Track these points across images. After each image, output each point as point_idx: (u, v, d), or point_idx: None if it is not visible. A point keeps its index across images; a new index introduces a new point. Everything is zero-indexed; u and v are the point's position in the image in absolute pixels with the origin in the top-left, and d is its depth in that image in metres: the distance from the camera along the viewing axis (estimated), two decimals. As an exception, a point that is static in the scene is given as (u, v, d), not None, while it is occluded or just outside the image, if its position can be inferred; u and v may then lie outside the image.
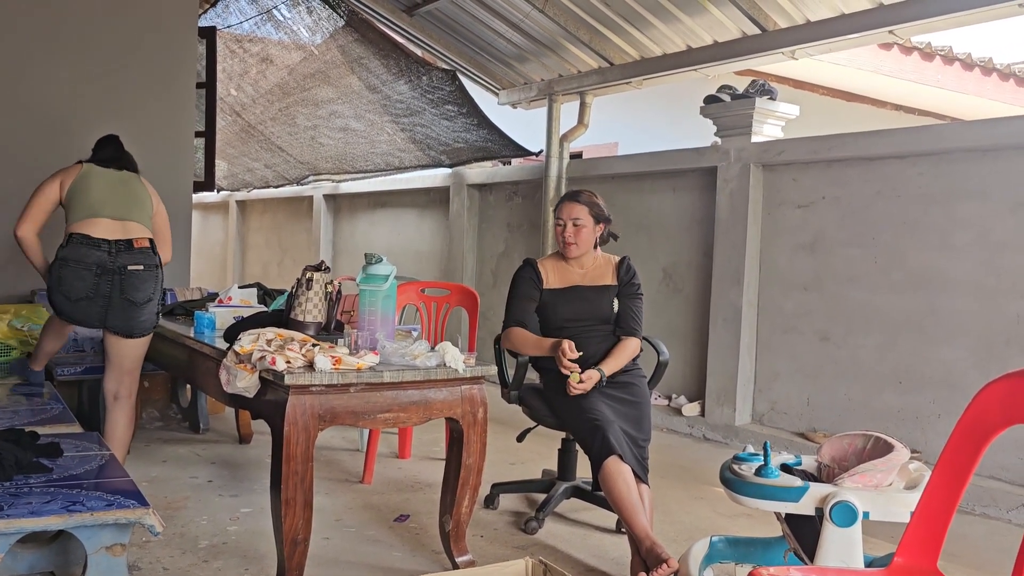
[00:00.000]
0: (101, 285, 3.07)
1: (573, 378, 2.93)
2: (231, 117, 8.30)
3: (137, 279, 3.12)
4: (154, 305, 3.19)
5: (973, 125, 4.31)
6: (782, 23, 4.59)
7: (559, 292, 3.20)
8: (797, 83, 7.91)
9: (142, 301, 3.13)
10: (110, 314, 3.12)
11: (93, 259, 3.07)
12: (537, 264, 3.26)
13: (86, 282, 3.06)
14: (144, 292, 3.13)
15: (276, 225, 10.54)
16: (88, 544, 2.07)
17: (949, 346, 3.99)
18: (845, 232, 4.43)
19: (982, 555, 3.18)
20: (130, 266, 3.11)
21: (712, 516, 3.47)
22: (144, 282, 3.13)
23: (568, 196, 3.26)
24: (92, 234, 3.10)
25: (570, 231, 3.17)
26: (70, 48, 5.21)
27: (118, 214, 3.17)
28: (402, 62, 6.40)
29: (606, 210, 3.24)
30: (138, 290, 3.12)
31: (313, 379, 2.36)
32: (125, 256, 3.11)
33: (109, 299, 3.09)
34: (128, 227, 3.17)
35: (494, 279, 6.87)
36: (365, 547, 2.96)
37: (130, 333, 3.17)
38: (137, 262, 3.13)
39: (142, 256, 3.15)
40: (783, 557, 2.45)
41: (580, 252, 3.20)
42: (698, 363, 5.19)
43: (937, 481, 1.74)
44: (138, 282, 3.12)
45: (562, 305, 3.19)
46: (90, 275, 3.06)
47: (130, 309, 3.12)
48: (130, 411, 3.29)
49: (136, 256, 3.14)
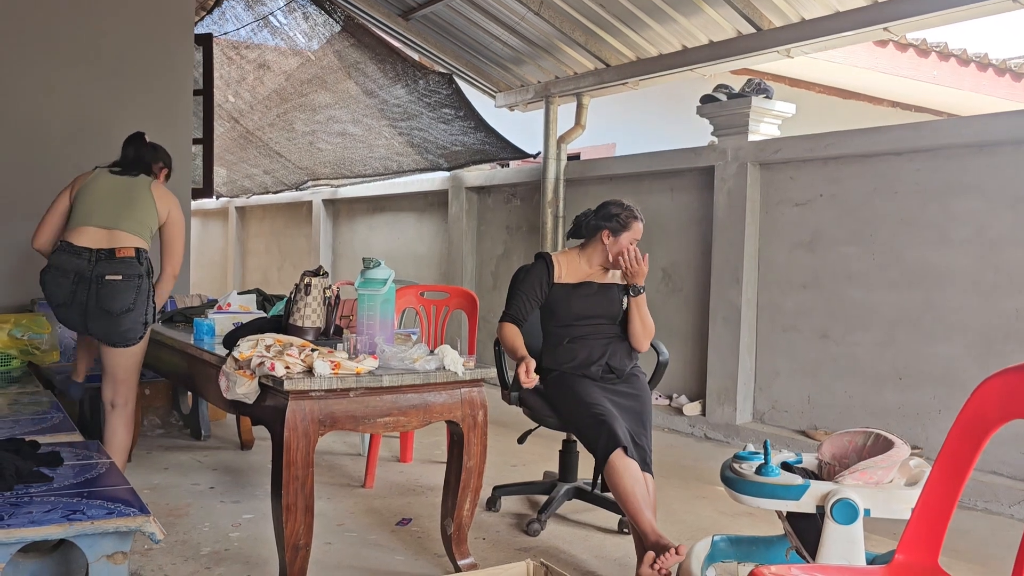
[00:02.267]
0: (78, 293, 3.04)
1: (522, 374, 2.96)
2: (229, 124, 8.31)
3: (113, 289, 3.05)
4: (136, 316, 3.10)
5: (969, 121, 4.31)
6: (777, 22, 4.60)
7: (570, 287, 3.18)
8: (793, 81, 7.93)
9: (118, 311, 3.06)
10: (90, 322, 3.09)
11: (72, 267, 3.05)
12: (552, 259, 3.21)
13: (63, 289, 3.05)
14: (121, 302, 3.06)
15: (275, 231, 10.55)
16: (89, 553, 2.07)
17: (948, 342, 3.99)
18: (843, 229, 4.44)
19: (984, 551, 3.18)
20: (107, 276, 3.05)
21: (714, 515, 3.47)
22: (120, 292, 3.06)
23: (635, 214, 3.12)
24: (75, 242, 3.08)
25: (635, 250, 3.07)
26: (66, 56, 5.22)
27: (106, 223, 3.13)
28: (399, 66, 6.41)
29: None
30: (114, 300, 3.05)
31: (312, 384, 2.36)
32: (104, 265, 3.06)
33: (85, 307, 3.05)
34: (115, 236, 3.12)
35: (493, 281, 6.87)
36: (367, 551, 2.96)
37: (112, 342, 3.12)
38: (116, 272, 3.06)
39: (123, 266, 3.08)
40: (785, 555, 2.45)
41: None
42: (698, 362, 5.19)
43: (937, 477, 1.74)
44: (114, 292, 3.05)
45: (573, 300, 3.16)
46: (68, 282, 3.04)
47: (107, 319, 3.07)
48: (128, 419, 3.27)
49: (116, 265, 3.07)
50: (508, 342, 3.14)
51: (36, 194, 5.19)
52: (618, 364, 3.12)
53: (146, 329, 3.18)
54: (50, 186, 5.34)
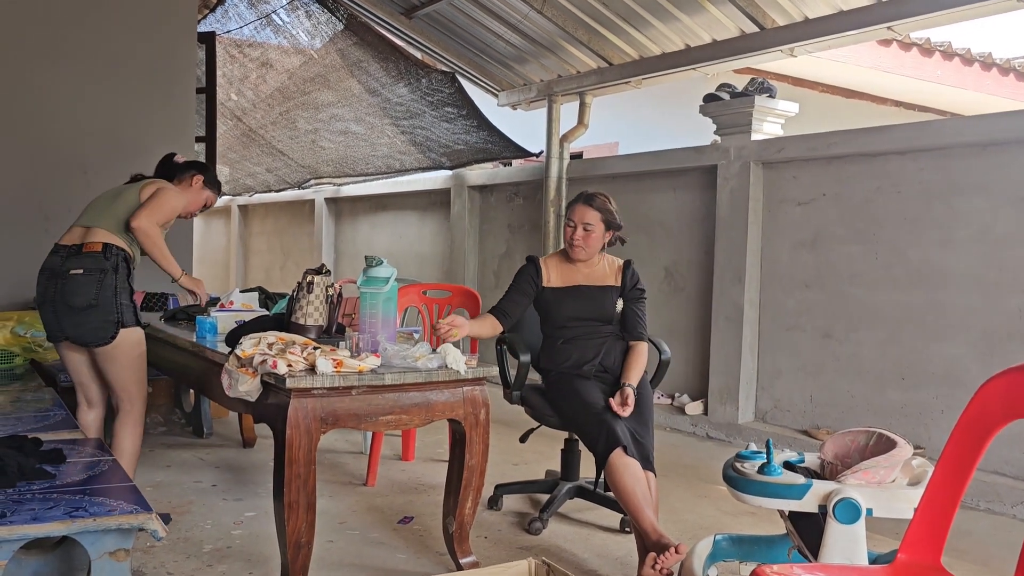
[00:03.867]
0: (48, 289, 2.99)
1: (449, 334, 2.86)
2: (232, 122, 8.32)
3: (75, 283, 2.93)
4: (101, 313, 2.95)
5: (973, 120, 4.30)
6: (780, 21, 4.59)
7: (561, 291, 3.19)
8: (796, 80, 7.90)
9: (81, 306, 2.93)
10: (62, 321, 2.98)
11: (49, 264, 3.03)
12: (540, 262, 3.25)
13: (40, 287, 3.02)
14: (82, 297, 2.92)
15: (278, 229, 10.56)
16: (91, 550, 2.07)
17: (951, 341, 3.98)
18: (846, 229, 4.43)
19: (986, 551, 3.17)
20: (72, 270, 2.95)
21: (716, 514, 3.46)
22: (82, 286, 2.93)
23: (583, 199, 3.18)
24: (59, 242, 3.07)
25: (579, 235, 3.13)
26: (70, 55, 5.22)
27: (87, 222, 3.09)
28: (401, 65, 6.41)
29: (618, 217, 3.19)
30: (76, 294, 2.93)
31: (315, 382, 2.36)
32: (71, 260, 2.97)
33: (55, 304, 2.97)
34: (90, 232, 3.03)
35: (496, 280, 6.87)
36: (369, 549, 2.97)
37: (84, 342, 2.99)
38: (79, 266, 2.95)
39: (88, 260, 2.96)
40: (787, 555, 2.44)
41: (587, 256, 3.17)
42: (700, 362, 5.18)
43: (940, 477, 1.73)
44: (76, 286, 2.93)
45: (565, 304, 3.18)
46: (44, 279, 3.01)
47: (71, 314, 2.94)
48: (132, 427, 3.09)
49: (82, 260, 2.96)
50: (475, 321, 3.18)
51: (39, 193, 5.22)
52: (612, 363, 3.14)
53: (118, 328, 2.98)
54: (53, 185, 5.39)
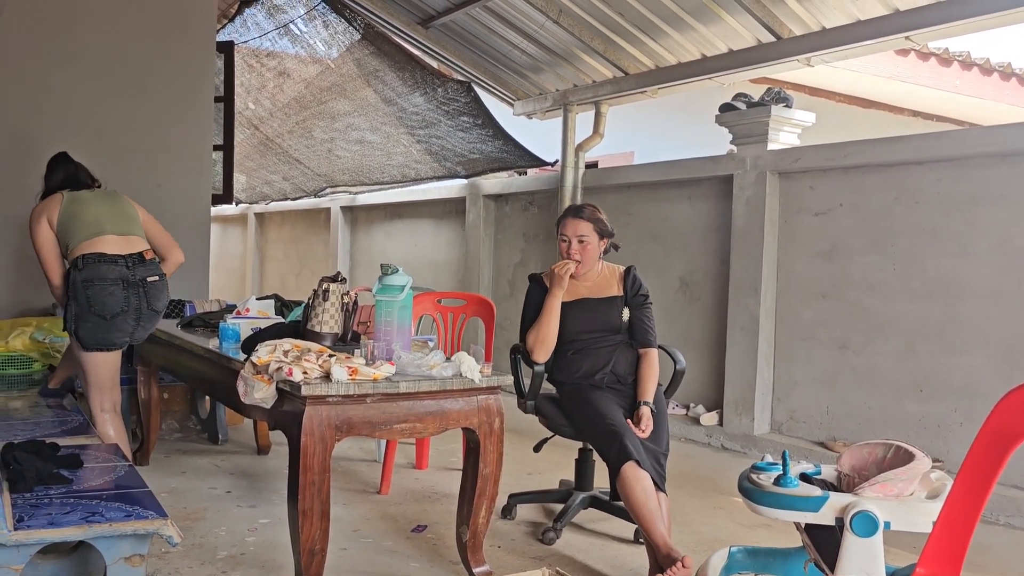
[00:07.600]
0: (130, 298, 3.16)
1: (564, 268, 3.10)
2: (249, 131, 8.39)
3: (156, 289, 3.25)
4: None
5: (992, 130, 4.26)
6: (797, 30, 4.58)
7: (567, 306, 3.19)
8: (813, 90, 7.88)
9: (162, 310, 3.29)
10: (142, 325, 3.24)
11: (116, 274, 3.13)
12: (543, 278, 3.26)
13: (116, 297, 3.13)
14: (163, 301, 3.28)
15: (294, 237, 10.61)
16: (107, 555, 2.08)
17: (970, 353, 3.94)
18: (863, 239, 4.40)
19: (1006, 566, 3.13)
20: (149, 278, 3.22)
21: (731, 526, 3.44)
22: (161, 292, 3.27)
23: (571, 212, 3.20)
24: (107, 251, 3.14)
25: (575, 248, 3.14)
26: (90, 64, 5.28)
27: (119, 230, 3.24)
28: (417, 74, 6.44)
29: (609, 224, 3.22)
30: (159, 300, 3.26)
31: (330, 390, 2.37)
32: (141, 269, 3.21)
33: (139, 311, 3.19)
34: (131, 241, 3.26)
35: (510, 289, 6.87)
36: (382, 558, 2.96)
37: (142, 339, 3.33)
38: (153, 273, 3.25)
39: (155, 267, 3.28)
40: (803, 568, 2.42)
41: (586, 269, 3.18)
42: (716, 372, 5.16)
43: (959, 490, 1.72)
44: (158, 292, 3.25)
45: (571, 318, 3.18)
46: (118, 290, 3.13)
47: (154, 319, 3.28)
48: (120, 421, 3.37)
49: (150, 268, 3.25)
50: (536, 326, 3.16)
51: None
52: (623, 372, 3.14)
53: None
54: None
